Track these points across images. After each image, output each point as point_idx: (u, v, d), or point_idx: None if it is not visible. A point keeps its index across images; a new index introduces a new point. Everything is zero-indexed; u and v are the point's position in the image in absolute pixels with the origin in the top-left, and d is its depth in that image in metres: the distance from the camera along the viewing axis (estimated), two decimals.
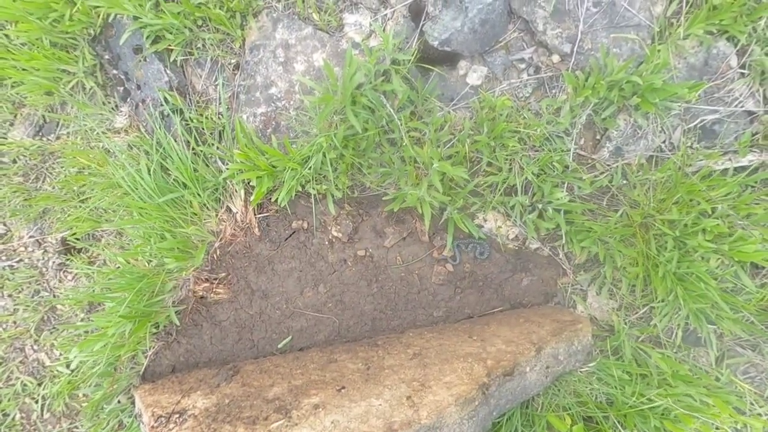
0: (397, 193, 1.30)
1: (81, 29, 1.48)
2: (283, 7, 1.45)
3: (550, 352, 1.24)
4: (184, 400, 1.37)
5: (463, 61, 1.39)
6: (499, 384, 1.18)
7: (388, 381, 1.21)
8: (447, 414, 1.08)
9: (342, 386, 1.24)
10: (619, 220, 1.22)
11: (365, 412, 1.10)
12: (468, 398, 1.12)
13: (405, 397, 1.14)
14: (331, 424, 1.08)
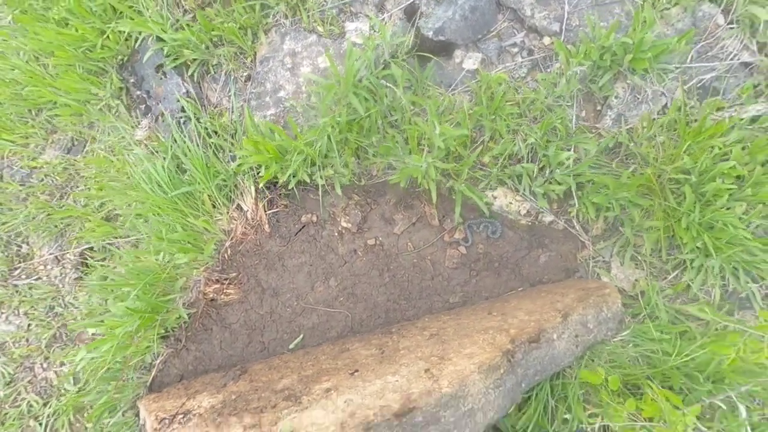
0: (402, 167, 1.31)
1: (110, 56, 1.64)
2: (290, 23, 1.59)
3: (577, 319, 1.14)
4: (189, 402, 1.30)
5: (459, 50, 1.47)
6: (525, 352, 1.08)
7: (405, 360, 1.13)
8: (470, 382, 0.98)
9: (355, 370, 1.16)
10: (631, 175, 1.18)
11: (381, 388, 1.02)
12: (492, 365, 1.02)
13: (423, 370, 1.06)
14: (345, 403, 1.00)
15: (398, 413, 0.93)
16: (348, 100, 1.32)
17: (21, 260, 1.73)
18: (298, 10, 1.55)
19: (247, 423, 1.09)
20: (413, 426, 0.92)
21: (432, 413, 0.94)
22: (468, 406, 0.97)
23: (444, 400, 0.95)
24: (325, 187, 1.49)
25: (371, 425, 0.91)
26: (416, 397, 0.95)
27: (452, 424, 0.95)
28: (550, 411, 1.10)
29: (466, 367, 1.01)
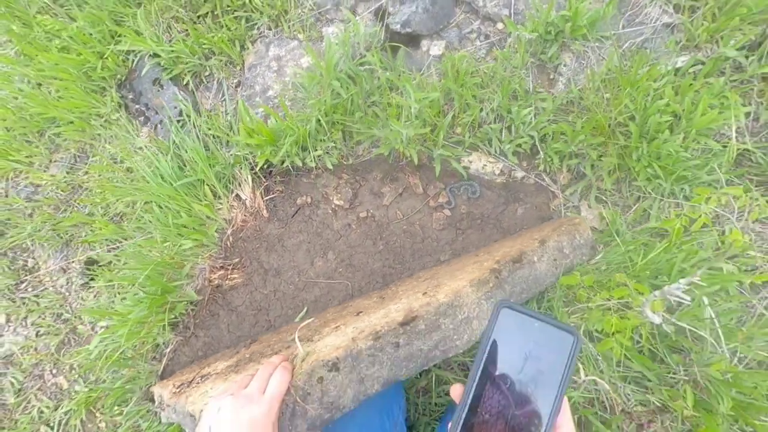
0: (384, 138, 1.46)
1: (110, 76, 1.79)
2: (273, 33, 1.78)
3: (554, 245, 1.26)
4: (204, 370, 1.36)
5: (425, 40, 1.67)
6: (510, 270, 1.17)
7: (404, 296, 1.22)
8: (464, 294, 1.06)
9: (359, 312, 1.24)
10: (584, 123, 1.35)
11: (384, 314, 1.10)
12: (482, 280, 1.12)
13: (421, 293, 1.15)
14: (353, 329, 1.07)
15: (402, 322, 1.02)
16: (331, 85, 1.49)
17: (27, 273, 1.79)
18: (280, 21, 1.75)
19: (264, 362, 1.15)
20: (417, 333, 1.01)
21: (432, 320, 1.02)
22: (464, 314, 1.05)
23: (442, 309, 1.03)
24: (316, 169, 1.63)
25: (379, 334, 1.00)
26: (417, 309, 1.04)
27: (452, 330, 1.03)
28: None
29: (458, 284, 1.10)
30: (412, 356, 1.00)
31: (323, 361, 0.96)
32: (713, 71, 1.35)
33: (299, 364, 0.99)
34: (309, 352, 0.99)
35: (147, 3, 1.76)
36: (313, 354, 1.00)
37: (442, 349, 1.02)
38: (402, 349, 1.00)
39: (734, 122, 1.25)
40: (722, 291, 1.15)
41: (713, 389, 1.05)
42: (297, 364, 0.99)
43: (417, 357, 1.00)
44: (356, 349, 0.97)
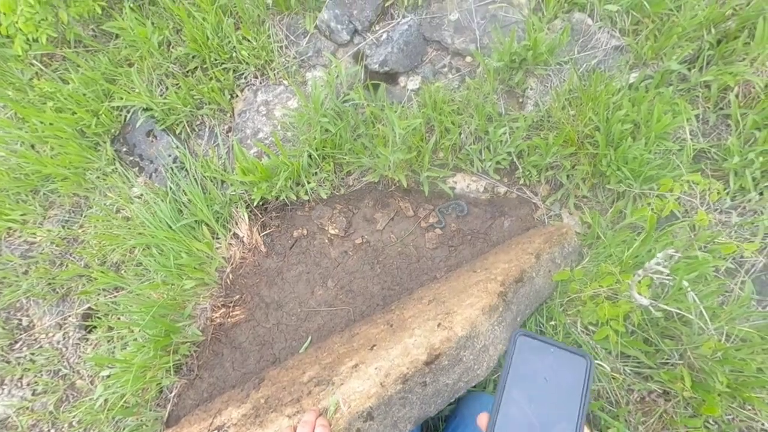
0: (373, 165, 1.55)
1: (104, 131, 1.87)
2: (260, 82, 1.91)
3: (547, 257, 1.35)
4: (216, 420, 1.35)
5: (401, 77, 1.81)
6: (515, 291, 1.25)
7: (415, 324, 1.26)
8: (478, 323, 1.12)
9: (373, 345, 1.27)
10: (555, 137, 1.48)
11: (403, 350, 1.13)
12: (492, 306, 1.18)
13: (436, 325, 1.19)
14: (375, 370, 1.09)
15: (427, 362, 1.06)
16: (319, 122, 1.60)
17: (22, 332, 1.76)
18: (265, 70, 1.88)
19: (289, 412, 1.15)
20: (441, 369, 1.05)
21: (454, 355, 1.07)
22: (481, 344, 1.11)
23: (461, 342, 1.08)
24: (310, 202, 1.70)
25: (407, 377, 1.03)
26: (438, 346, 1.08)
27: (472, 360, 1.09)
28: (538, 331, 1.25)
29: (471, 313, 1.15)
30: (438, 392, 1.04)
31: (358, 413, 0.99)
32: (662, 83, 1.51)
33: (333, 418, 1.00)
34: (337, 402, 1.01)
35: (139, 62, 1.88)
36: (345, 404, 1.02)
37: (465, 380, 1.07)
38: (429, 387, 1.03)
39: (686, 125, 1.39)
40: (701, 277, 1.24)
41: (707, 368, 1.11)
42: (331, 418, 1.01)
43: (443, 392, 1.05)
44: (387, 395, 1.00)
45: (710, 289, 1.22)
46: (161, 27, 1.90)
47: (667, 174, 1.34)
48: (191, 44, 1.81)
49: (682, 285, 1.07)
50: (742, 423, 1.17)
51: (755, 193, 1.32)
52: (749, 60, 1.43)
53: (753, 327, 1.19)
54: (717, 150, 1.43)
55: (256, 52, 1.83)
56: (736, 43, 1.48)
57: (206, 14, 1.81)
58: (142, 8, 1.98)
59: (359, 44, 1.83)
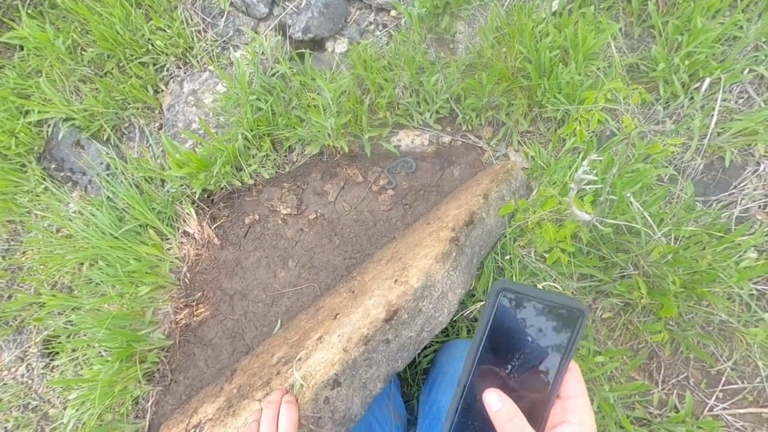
0: (311, 136, 1.51)
1: (27, 151, 1.76)
2: (184, 72, 1.81)
3: (495, 196, 1.34)
4: (193, 419, 1.32)
5: (328, 42, 1.75)
6: (466, 234, 1.24)
7: (374, 286, 1.23)
8: (433, 271, 1.11)
9: (336, 314, 1.25)
10: (489, 75, 1.46)
11: (363, 313, 1.11)
12: (445, 253, 1.16)
13: (393, 282, 1.17)
14: (338, 337, 1.07)
15: (386, 319, 1.04)
16: (249, 101, 1.53)
17: None
18: (187, 58, 1.78)
19: (259, 396, 1.12)
20: (402, 323, 1.04)
21: (413, 308, 1.06)
22: (439, 291, 1.10)
23: (418, 293, 1.07)
24: (256, 186, 1.65)
25: (369, 337, 1.01)
26: (395, 301, 1.06)
27: (432, 309, 1.08)
28: (495, 269, 1.26)
29: (425, 263, 1.14)
30: (403, 346, 1.03)
31: (323, 381, 0.97)
32: (584, 4, 1.49)
33: (301, 392, 0.98)
34: (304, 376, 0.99)
35: (49, 71, 1.76)
36: (311, 378, 1.00)
37: (428, 330, 1.06)
38: (393, 343, 1.02)
39: (612, 41, 1.38)
40: (645, 188, 1.26)
41: (660, 273, 1.14)
42: (298, 393, 0.99)
43: (408, 345, 1.03)
44: (350, 358, 0.98)
45: (655, 197, 1.23)
46: (66, 30, 1.77)
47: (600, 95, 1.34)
48: (102, 43, 1.70)
49: (625, 195, 1.08)
50: (701, 318, 1.20)
51: (685, 97, 1.34)
52: None
53: (699, 227, 1.22)
54: (645, 62, 1.43)
55: (173, 40, 1.74)
56: None
57: (111, 8, 1.70)
58: (43, 14, 1.85)
59: (279, 15, 1.76)
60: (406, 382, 1.42)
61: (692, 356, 1.26)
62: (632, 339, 1.24)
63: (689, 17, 1.36)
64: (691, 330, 1.18)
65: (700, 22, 1.32)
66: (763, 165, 1.35)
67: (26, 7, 1.79)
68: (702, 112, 1.34)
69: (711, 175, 1.38)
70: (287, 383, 1.02)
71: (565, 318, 0.53)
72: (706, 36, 1.30)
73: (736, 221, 1.31)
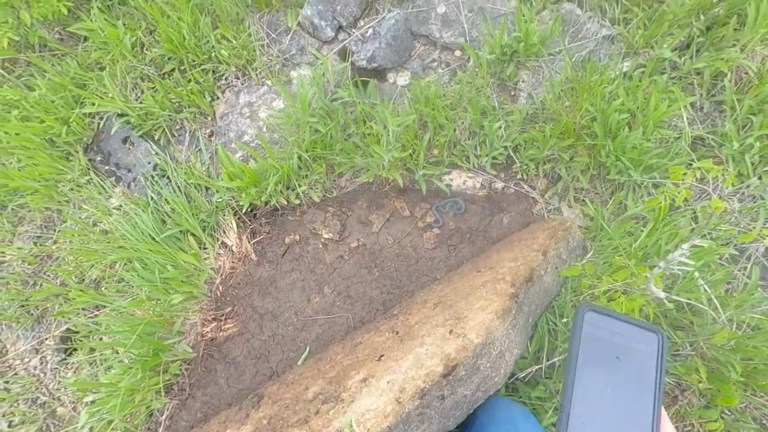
0: (367, 165, 1.49)
1: (75, 140, 1.75)
2: (242, 83, 1.82)
3: (554, 254, 1.31)
4: None
5: (390, 73, 1.76)
6: (525, 291, 1.20)
7: (423, 331, 1.19)
8: (493, 328, 1.06)
9: (380, 355, 1.20)
10: (552, 129, 1.45)
11: (415, 361, 1.07)
12: (505, 309, 1.12)
13: (447, 332, 1.13)
14: (388, 384, 1.03)
15: (444, 374, 1.00)
16: (308, 122, 1.52)
17: None
18: (247, 70, 1.79)
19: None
20: (459, 380, 0.99)
21: (471, 365, 1.01)
22: (497, 350, 1.05)
23: (478, 350, 1.02)
24: (301, 206, 1.63)
25: (425, 391, 0.97)
26: (454, 356, 1.02)
27: (489, 368, 1.03)
28: (550, 331, 1.22)
29: (484, 318, 1.09)
30: (457, 405, 0.99)
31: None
32: (655, 71, 1.50)
33: None
34: (351, 423, 0.95)
35: (111, 65, 1.77)
36: (359, 424, 0.95)
37: (483, 389, 1.01)
38: (447, 400, 0.98)
39: (683, 112, 1.38)
40: (705, 265, 1.22)
41: (722, 358, 1.09)
42: None
43: (462, 404, 0.99)
44: (404, 411, 0.94)
45: (716, 278, 1.20)
46: (133, 28, 1.79)
47: (667, 163, 1.32)
48: (167, 45, 1.71)
49: (694, 276, 1.04)
50: (757, 411, 1.15)
51: (755, 178, 1.32)
52: (740, 46, 1.43)
53: (762, 313, 1.18)
54: (714, 136, 1.42)
55: (237, 51, 1.75)
56: (726, 29, 1.47)
57: (181, 13, 1.72)
58: (112, 9, 1.87)
59: (344, 41, 1.77)
60: None
61: None
62: (681, 421, 1.19)
63: (764, 99, 1.35)
64: (747, 422, 1.13)
65: None
66: None
67: (98, 0, 1.82)
68: None
69: None
70: (332, 426, 0.98)
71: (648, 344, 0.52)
72: None
73: None
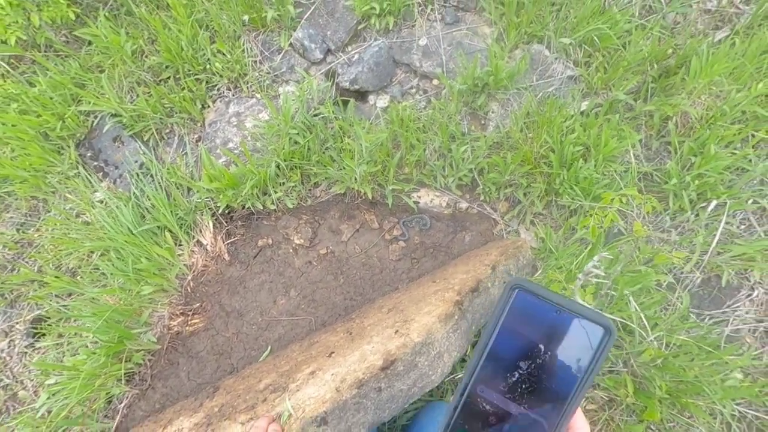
0: (340, 176, 1.59)
1: (69, 135, 1.85)
2: (233, 94, 1.94)
3: (503, 269, 1.40)
4: (167, 430, 1.31)
5: (371, 95, 1.89)
6: (470, 300, 1.28)
7: (374, 332, 1.27)
8: (434, 330, 1.14)
9: (331, 352, 1.27)
10: (514, 156, 1.56)
11: (360, 356, 1.14)
12: (448, 314, 1.20)
13: (393, 332, 1.21)
14: (332, 376, 1.10)
15: (383, 367, 1.07)
16: (288, 133, 1.63)
17: None
18: (239, 83, 1.91)
19: (242, 419, 1.13)
20: (397, 375, 1.07)
21: (410, 361, 1.09)
22: (436, 350, 1.13)
23: (417, 348, 1.10)
24: (276, 212, 1.71)
25: (363, 382, 1.04)
26: (394, 351, 1.09)
27: (427, 366, 1.11)
28: None
29: (428, 320, 1.18)
30: (393, 398, 1.05)
31: (312, 417, 0.99)
32: (610, 111, 1.63)
33: (287, 423, 1.00)
34: (294, 407, 1.01)
35: (110, 69, 1.88)
36: (299, 410, 1.02)
37: (419, 386, 1.08)
38: (384, 392, 1.05)
39: (631, 149, 1.50)
40: (643, 289, 1.32)
41: (648, 375, 1.17)
42: (284, 424, 1.00)
43: (398, 397, 1.06)
44: (341, 399, 1.01)
45: (652, 301, 1.29)
46: (135, 36, 1.92)
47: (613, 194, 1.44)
48: (165, 54, 1.84)
49: (624, 294, 1.13)
50: (681, 429, 1.22)
51: (691, 213, 1.43)
52: (686, 93, 1.57)
53: (690, 337, 1.26)
54: (659, 173, 1.55)
55: (230, 65, 1.87)
56: (675, 78, 1.62)
57: (182, 26, 1.85)
58: (117, 17, 2.00)
59: (331, 63, 1.90)
60: None
61: None
62: None
63: (704, 142, 1.48)
64: None
65: (713, 149, 1.44)
66: (757, 291, 1.42)
67: (105, 9, 1.95)
68: (706, 230, 1.43)
69: (707, 290, 1.45)
70: (274, 411, 1.04)
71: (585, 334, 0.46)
72: (717, 162, 1.42)
73: (726, 339, 1.36)
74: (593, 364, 0.45)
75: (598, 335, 0.45)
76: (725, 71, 1.54)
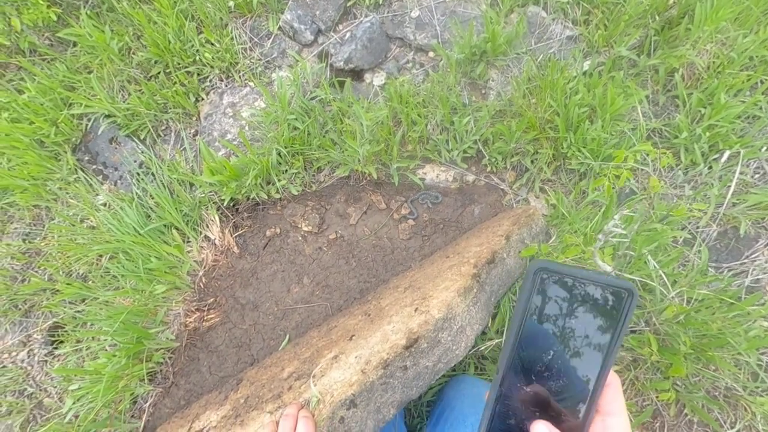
0: (343, 159, 1.57)
1: (64, 141, 1.82)
2: (225, 84, 1.90)
3: (516, 238, 1.38)
4: (195, 425, 1.32)
5: (367, 73, 1.84)
6: (487, 272, 1.27)
7: (392, 311, 1.26)
8: (454, 305, 1.13)
9: (351, 335, 1.26)
10: (518, 123, 1.53)
11: (382, 337, 1.13)
12: (467, 287, 1.19)
13: (413, 310, 1.19)
14: (356, 359, 1.09)
15: (407, 346, 1.06)
16: (287, 119, 1.60)
17: None
18: (230, 72, 1.87)
19: (270, 408, 1.13)
20: (421, 352, 1.06)
21: (433, 338, 1.08)
22: (458, 325, 1.12)
23: (439, 324, 1.09)
24: (281, 200, 1.69)
25: (388, 362, 1.03)
26: (416, 329, 1.08)
27: (450, 342, 1.10)
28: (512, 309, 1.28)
29: (447, 296, 1.16)
30: (419, 375, 1.05)
31: (341, 401, 0.98)
32: (613, 68, 1.59)
33: (317, 409, 1.00)
34: (322, 392, 1.01)
35: (99, 68, 1.84)
36: (328, 395, 1.01)
37: (444, 361, 1.08)
38: (410, 370, 1.04)
39: (638, 105, 1.46)
40: (660, 247, 1.30)
41: (671, 332, 1.16)
42: (314, 410, 1.00)
43: (424, 374, 1.05)
44: (368, 381, 1.00)
45: (670, 258, 1.28)
46: (120, 33, 1.87)
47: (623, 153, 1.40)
48: (153, 49, 1.79)
49: (642, 253, 1.12)
50: (708, 382, 1.22)
51: (704, 166, 1.40)
52: (691, 44, 1.53)
53: (711, 291, 1.25)
54: (668, 129, 1.51)
55: (220, 54, 1.83)
56: (678, 29, 1.57)
57: (167, 18, 1.80)
58: (100, 15, 1.95)
59: (323, 44, 1.85)
60: (408, 413, 1.42)
61: (696, 419, 1.27)
62: (637, 395, 1.26)
63: (713, 92, 1.44)
64: (698, 393, 1.19)
65: (723, 98, 1.41)
66: None
67: (86, 7, 1.90)
68: (720, 182, 1.41)
69: (724, 243, 1.43)
70: (301, 398, 1.03)
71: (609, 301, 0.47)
72: (728, 112, 1.38)
73: (746, 290, 1.35)
74: (620, 326, 0.47)
75: (622, 299, 0.47)
76: (730, 16, 1.49)
